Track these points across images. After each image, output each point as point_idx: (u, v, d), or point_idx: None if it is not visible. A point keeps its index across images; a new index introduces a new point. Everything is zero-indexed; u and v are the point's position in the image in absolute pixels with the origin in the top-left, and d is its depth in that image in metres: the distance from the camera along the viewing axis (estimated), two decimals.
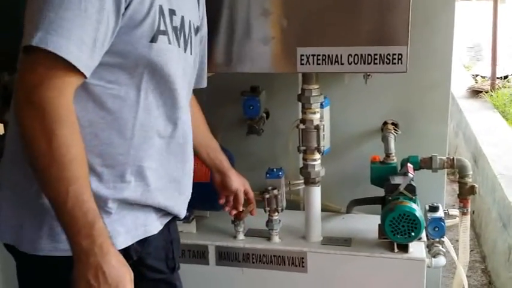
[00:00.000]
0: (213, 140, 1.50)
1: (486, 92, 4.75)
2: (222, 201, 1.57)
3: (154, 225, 1.22)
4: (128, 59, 1.04)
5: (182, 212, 1.29)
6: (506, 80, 5.40)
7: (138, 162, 1.11)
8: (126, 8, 1.00)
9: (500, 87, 4.96)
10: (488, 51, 5.40)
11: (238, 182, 1.54)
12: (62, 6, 0.92)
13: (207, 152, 1.48)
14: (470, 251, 3.02)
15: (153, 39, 1.05)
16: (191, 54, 1.23)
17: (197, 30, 1.28)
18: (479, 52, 7.07)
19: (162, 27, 1.07)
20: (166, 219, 1.27)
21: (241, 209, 1.59)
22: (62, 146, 0.93)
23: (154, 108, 1.12)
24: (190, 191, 1.30)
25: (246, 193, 1.58)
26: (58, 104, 0.93)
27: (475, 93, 4.80)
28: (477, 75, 5.70)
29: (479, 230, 3.13)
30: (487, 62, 5.44)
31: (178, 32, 1.14)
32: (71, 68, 0.94)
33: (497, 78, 5.14)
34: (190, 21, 1.20)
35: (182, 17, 1.16)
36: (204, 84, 1.43)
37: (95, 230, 0.95)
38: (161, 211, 1.23)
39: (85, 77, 0.98)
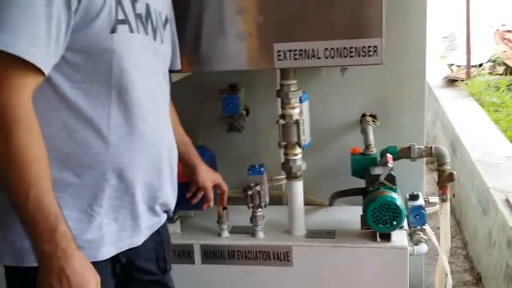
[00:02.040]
0: (185, 135, 1.51)
1: (462, 81, 4.83)
2: (188, 194, 1.59)
3: (140, 235, 1.21)
4: (92, 55, 1.03)
5: (170, 202, 1.28)
6: (481, 68, 5.49)
7: (118, 159, 1.10)
8: (79, 1, 0.98)
9: (475, 75, 5.05)
10: (463, 40, 5.48)
11: (206, 178, 1.56)
12: (9, 4, 0.90)
13: (179, 148, 1.42)
14: (452, 237, 3.07)
15: (113, 30, 1.03)
16: (162, 42, 1.22)
17: (166, 20, 1.27)
18: (454, 42, 7.15)
19: (121, 16, 1.05)
20: (154, 224, 1.26)
21: (211, 204, 1.61)
22: (20, 148, 0.91)
23: (127, 103, 1.10)
24: (175, 181, 1.30)
25: (219, 187, 1.62)
26: (14, 105, 0.91)
27: (451, 82, 4.87)
28: (452, 65, 5.78)
29: (459, 217, 3.19)
30: (462, 51, 5.53)
31: (144, 20, 1.13)
32: (26, 66, 0.92)
33: (472, 66, 5.23)
34: (156, 10, 1.19)
35: (147, 5, 1.14)
36: (178, 66, 1.42)
37: (57, 234, 0.93)
38: (148, 212, 1.22)
39: (43, 74, 0.95)
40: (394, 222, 1.61)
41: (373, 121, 1.94)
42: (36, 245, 0.93)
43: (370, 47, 1.49)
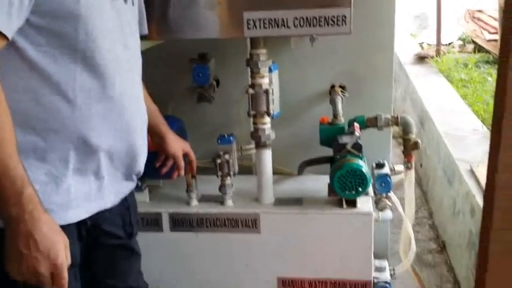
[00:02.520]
0: (152, 103, 1.49)
1: (432, 58, 4.90)
2: (158, 164, 1.58)
3: (108, 199, 1.22)
4: (57, 18, 1.02)
5: (140, 169, 1.29)
6: (451, 46, 5.59)
7: (85, 124, 1.10)
8: None
9: (445, 53, 5.13)
10: (434, 19, 5.55)
11: (175, 146, 1.56)
12: None
13: (149, 117, 1.43)
14: (418, 208, 3.17)
15: None
16: (133, 4, 1.21)
17: None
18: (425, 20, 7.23)
19: None
20: (122, 189, 1.27)
21: (182, 173, 1.61)
22: None
23: (93, 67, 1.09)
24: (146, 148, 1.30)
25: (187, 156, 1.62)
26: None
27: (422, 59, 4.94)
28: (423, 43, 5.86)
29: (426, 188, 3.27)
30: (433, 30, 5.60)
31: None
32: None
33: (443, 44, 5.32)
34: None
35: None
36: (145, 31, 1.40)
37: (24, 198, 0.92)
38: (116, 177, 1.23)
39: (7, 38, 0.94)
40: (360, 189, 1.65)
41: (342, 92, 1.97)
42: (3, 209, 0.93)
43: (339, 16, 1.50)
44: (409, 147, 1.78)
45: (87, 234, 1.20)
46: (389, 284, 1.78)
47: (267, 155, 1.78)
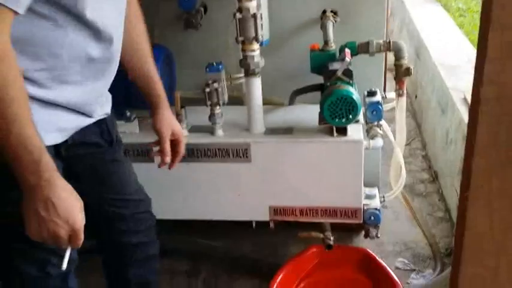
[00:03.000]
0: (150, 63, 1.38)
1: None
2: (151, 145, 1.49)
3: (87, 121, 1.22)
4: None
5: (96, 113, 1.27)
6: None
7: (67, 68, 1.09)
8: None
9: None
10: None
11: (162, 124, 1.42)
12: None
13: (138, 77, 1.38)
14: (412, 139, 3.18)
15: None
16: None
17: None
18: None
19: None
20: (101, 114, 1.28)
21: (167, 159, 1.43)
22: (1, 85, 0.90)
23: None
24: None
25: (175, 136, 1.46)
26: None
27: None
28: None
29: (420, 120, 3.26)
30: None
31: None
32: (4, 10, 0.91)
33: None
34: None
35: None
36: None
37: (41, 166, 0.94)
38: (94, 102, 1.22)
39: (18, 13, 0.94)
40: (350, 116, 1.63)
41: (334, 17, 1.90)
42: (21, 177, 0.95)
43: None
44: (400, 73, 1.74)
45: (67, 151, 1.20)
46: (378, 211, 1.79)
47: (257, 83, 1.75)
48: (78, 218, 0.98)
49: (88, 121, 1.24)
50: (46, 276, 1.20)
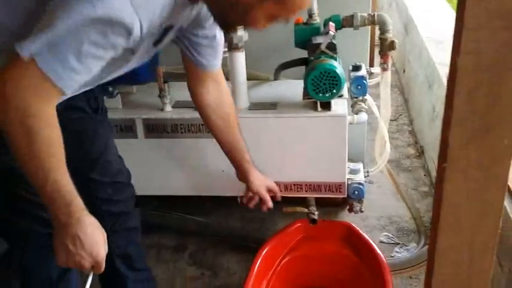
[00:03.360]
0: (241, 141, 1.55)
1: None
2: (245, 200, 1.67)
3: None
4: None
5: None
6: None
7: None
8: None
9: None
10: None
11: (258, 184, 1.60)
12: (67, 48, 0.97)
13: (232, 153, 1.56)
14: (399, 115, 3.18)
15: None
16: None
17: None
18: None
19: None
20: None
21: (269, 204, 1.64)
22: (42, 145, 1.01)
23: None
24: None
25: (271, 191, 1.65)
26: (44, 114, 1.00)
27: None
28: None
29: (407, 96, 3.26)
30: None
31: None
32: (60, 91, 1.01)
33: None
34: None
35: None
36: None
37: (72, 207, 1.05)
38: None
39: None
40: (334, 90, 1.62)
41: None
42: (54, 216, 1.07)
43: None
44: (385, 48, 1.72)
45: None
46: (362, 185, 1.80)
47: (240, 57, 1.73)
48: (101, 251, 1.10)
49: None
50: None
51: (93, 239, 1.08)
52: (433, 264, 0.96)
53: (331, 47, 1.64)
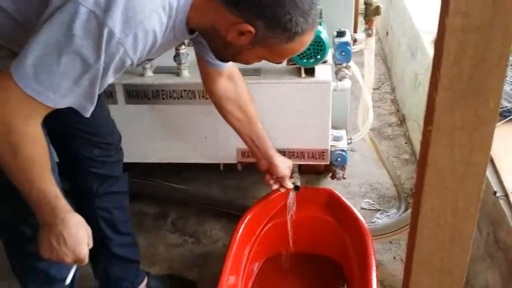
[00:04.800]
0: (262, 130, 1.55)
1: None
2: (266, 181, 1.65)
3: None
4: None
5: None
6: None
7: None
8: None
9: None
10: None
11: (283, 167, 1.60)
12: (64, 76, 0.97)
13: (255, 142, 1.56)
14: (382, 83, 3.18)
15: None
16: None
17: None
18: None
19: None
20: None
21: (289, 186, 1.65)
22: (26, 159, 1.04)
23: None
24: None
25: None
26: (27, 131, 1.01)
27: None
28: None
29: (390, 65, 3.26)
30: None
31: None
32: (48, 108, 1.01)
33: None
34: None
35: None
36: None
37: (57, 211, 1.09)
38: None
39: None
40: (318, 56, 1.60)
41: None
42: (40, 218, 1.11)
43: None
44: (370, 13, 1.71)
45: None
46: (345, 152, 1.80)
47: None
48: (84, 249, 1.14)
49: None
50: None
51: (77, 238, 1.12)
52: (416, 225, 0.97)
53: None
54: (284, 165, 1.61)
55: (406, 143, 2.59)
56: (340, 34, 1.75)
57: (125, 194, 1.59)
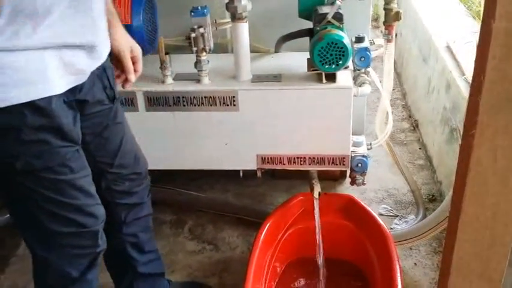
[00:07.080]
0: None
1: None
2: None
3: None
4: None
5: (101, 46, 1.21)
6: None
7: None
8: None
9: None
10: None
11: (121, 42, 1.33)
12: None
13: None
14: (392, 89, 3.18)
15: None
16: None
17: None
18: None
19: None
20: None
21: (131, 78, 1.39)
22: None
23: None
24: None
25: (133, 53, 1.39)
26: None
27: None
28: None
29: (400, 70, 3.26)
30: None
31: None
32: None
33: None
34: None
35: None
36: None
37: None
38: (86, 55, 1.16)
39: None
40: (340, 62, 1.60)
41: None
42: None
43: None
44: (390, 18, 1.71)
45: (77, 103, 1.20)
46: (366, 158, 1.80)
47: (244, 28, 1.70)
48: None
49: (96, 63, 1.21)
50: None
51: None
52: (455, 229, 0.96)
53: (338, 17, 1.62)
54: (122, 40, 1.32)
55: (420, 148, 2.59)
56: (359, 39, 1.75)
57: (150, 215, 1.58)
